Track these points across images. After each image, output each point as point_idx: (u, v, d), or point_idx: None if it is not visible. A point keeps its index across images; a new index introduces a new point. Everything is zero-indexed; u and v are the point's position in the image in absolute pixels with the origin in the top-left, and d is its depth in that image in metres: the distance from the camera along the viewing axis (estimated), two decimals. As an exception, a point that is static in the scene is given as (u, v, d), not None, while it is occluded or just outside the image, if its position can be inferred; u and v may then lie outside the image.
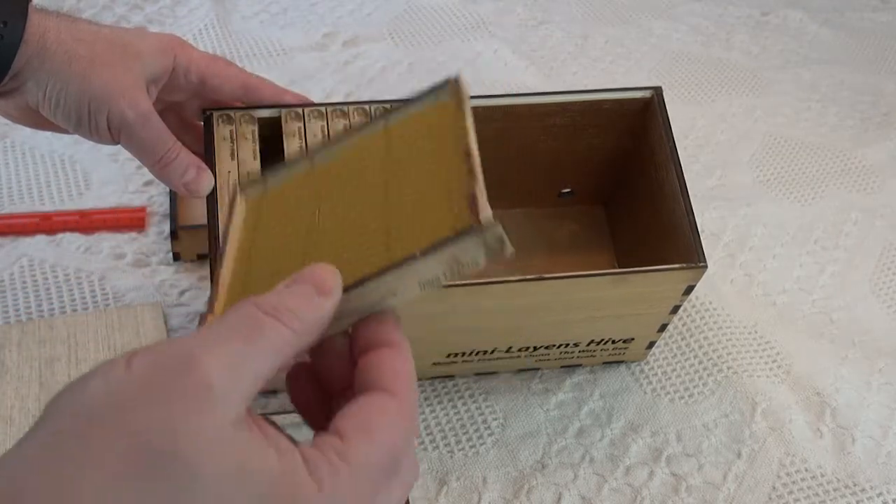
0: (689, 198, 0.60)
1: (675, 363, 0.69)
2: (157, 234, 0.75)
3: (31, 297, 0.69)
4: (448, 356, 0.63)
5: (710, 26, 1.07)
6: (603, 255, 0.73)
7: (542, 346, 0.64)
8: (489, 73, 0.96)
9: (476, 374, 0.67)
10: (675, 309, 0.62)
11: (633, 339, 0.65)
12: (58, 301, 0.69)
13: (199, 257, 0.72)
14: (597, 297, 0.59)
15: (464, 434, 0.63)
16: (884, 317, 0.75)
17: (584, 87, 0.73)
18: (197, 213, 0.72)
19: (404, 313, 0.34)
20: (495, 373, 0.67)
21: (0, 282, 0.70)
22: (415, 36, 1.01)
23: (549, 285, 0.57)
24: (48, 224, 0.74)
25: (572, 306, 0.59)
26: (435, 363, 0.64)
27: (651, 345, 0.66)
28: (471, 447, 0.63)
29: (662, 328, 0.64)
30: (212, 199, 0.57)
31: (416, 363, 0.34)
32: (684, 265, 0.58)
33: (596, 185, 0.72)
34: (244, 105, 0.60)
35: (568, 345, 0.64)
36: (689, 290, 0.60)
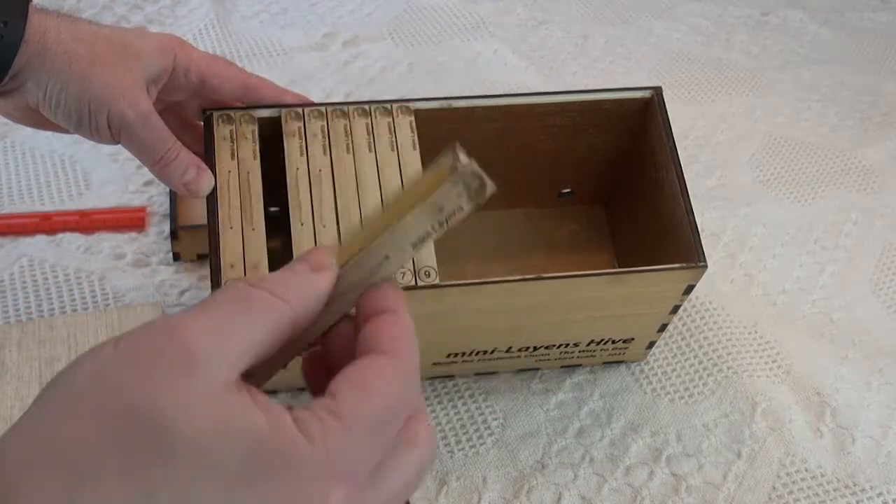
0: (689, 198, 0.60)
1: (675, 363, 0.69)
2: (157, 234, 0.75)
3: (31, 297, 0.69)
4: (448, 356, 0.63)
5: (710, 26, 1.07)
6: (603, 255, 0.73)
7: (542, 346, 0.64)
8: (489, 73, 0.96)
9: (476, 374, 0.67)
10: (675, 309, 0.62)
11: (633, 339, 0.65)
12: (58, 301, 0.69)
13: (199, 257, 0.72)
14: (596, 297, 0.59)
15: (464, 434, 0.63)
16: (884, 317, 0.75)
17: (584, 87, 0.73)
18: (197, 213, 0.72)
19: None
20: (495, 373, 0.67)
21: (0, 282, 0.70)
22: (415, 36, 1.01)
23: (548, 285, 0.57)
24: (48, 224, 0.74)
25: (572, 306, 0.59)
26: (435, 363, 0.64)
27: (651, 345, 0.66)
28: (471, 447, 0.63)
29: (662, 328, 0.64)
30: (212, 199, 0.57)
31: (416, 363, 0.33)
32: (684, 265, 0.58)
33: (596, 185, 0.72)
34: (244, 105, 0.60)
35: (568, 345, 0.64)
36: (689, 290, 0.60)
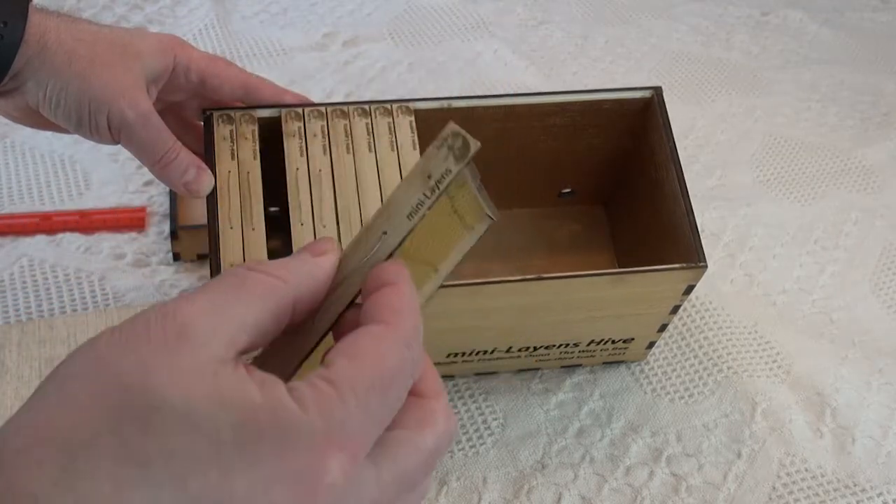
0: (689, 198, 0.60)
1: (675, 363, 0.69)
2: (157, 234, 0.75)
3: (31, 297, 0.69)
4: (448, 356, 0.63)
5: (710, 26, 1.07)
6: (603, 255, 0.73)
7: (542, 346, 0.64)
8: (489, 73, 0.96)
9: (476, 374, 0.67)
10: (675, 309, 0.62)
11: (633, 339, 0.65)
12: (58, 301, 0.69)
13: (199, 257, 0.72)
14: (597, 297, 0.59)
15: (464, 434, 0.63)
16: (884, 317, 0.75)
17: (584, 87, 0.73)
18: (197, 213, 0.72)
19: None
20: (495, 373, 0.67)
21: (0, 282, 0.70)
22: (415, 36, 1.01)
23: (549, 285, 0.57)
24: (48, 224, 0.74)
25: (572, 306, 0.59)
26: (435, 363, 0.63)
27: (651, 345, 0.66)
28: (471, 447, 0.63)
29: (662, 328, 0.64)
30: (212, 199, 0.57)
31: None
32: (684, 265, 0.58)
33: (596, 185, 0.72)
34: (244, 105, 0.60)
35: (568, 345, 0.64)
36: (689, 290, 0.60)
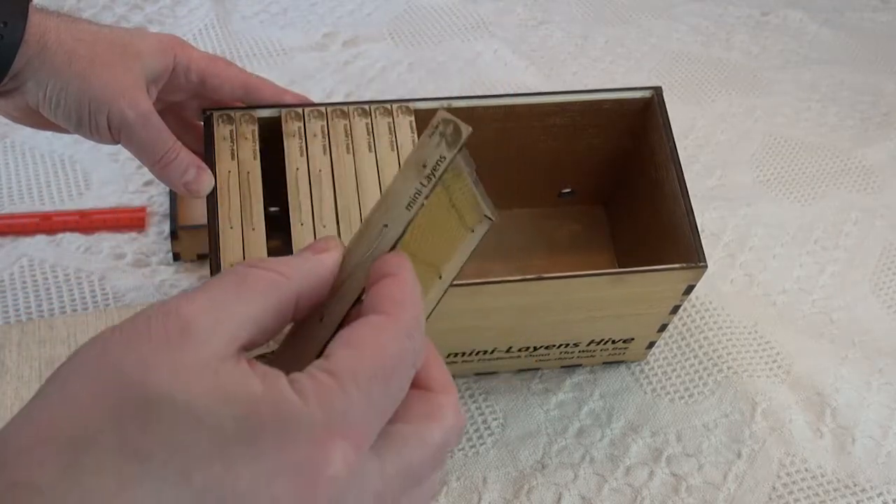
0: (689, 198, 0.60)
1: (675, 363, 0.69)
2: (157, 234, 0.75)
3: (31, 297, 0.69)
4: (448, 356, 0.63)
5: (710, 26, 1.07)
6: (603, 255, 0.73)
7: (542, 346, 0.64)
8: (489, 73, 0.96)
9: (476, 374, 0.67)
10: (675, 309, 0.62)
11: (633, 339, 0.65)
12: (58, 301, 0.69)
13: (199, 257, 0.72)
14: (597, 297, 0.59)
15: (464, 434, 0.63)
16: (884, 317, 0.75)
17: (584, 87, 0.73)
18: (197, 213, 0.72)
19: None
20: (495, 373, 0.67)
21: (0, 282, 0.70)
22: (415, 36, 1.01)
23: (549, 285, 0.57)
24: (48, 224, 0.74)
25: (572, 306, 0.59)
26: (435, 363, 0.64)
27: (651, 345, 0.66)
28: (471, 447, 0.62)
29: (662, 328, 0.64)
30: (212, 199, 0.57)
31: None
32: (684, 265, 0.58)
33: (596, 185, 0.72)
34: (244, 105, 0.60)
35: (568, 345, 0.64)
36: (689, 290, 0.60)
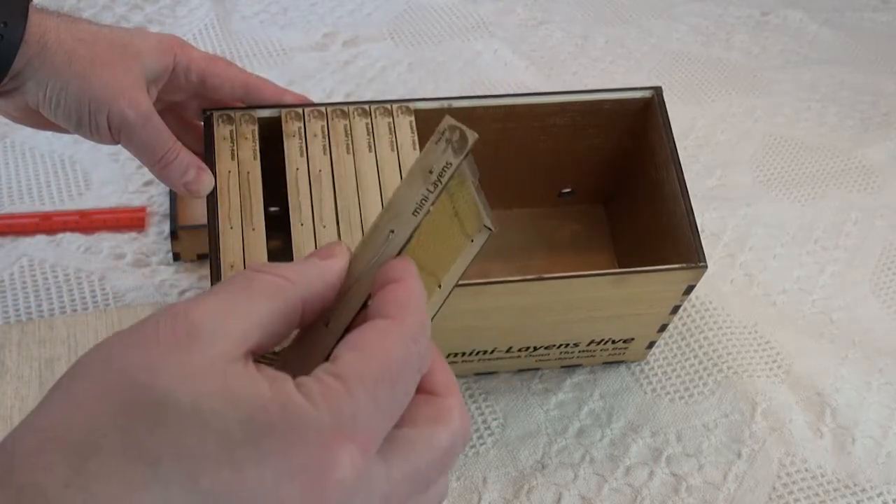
0: (689, 198, 0.60)
1: (675, 363, 0.69)
2: (157, 234, 0.75)
3: (31, 297, 0.69)
4: (448, 356, 0.63)
5: (710, 26, 1.07)
6: (603, 255, 0.73)
7: (542, 346, 0.64)
8: (489, 73, 0.96)
9: (476, 374, 0.67)
10: (675, 309, 0.62)
11: (633, 339, 0.65)
12: (58, 301, 0.69)
13: (199, 257, 0.72)
14: (597, 297, 0.59)
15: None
16: (884, 317, 0.75)
17: (584, 87, 0.73)
18: (197, 213, 0.72)
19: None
20: (495, 373, 0.67)
21: (0, 282, 0.70)
22: (415, 36, 1.01)
23: (549, 285, 0.57)
24: (48, 224, 0.74)
25: (572, 306, 0.59)
26: (435, 363, 0.64)
27: (651, 345, 0.66)
28: (471, 447, 0.62)
29: (662, 328, 0.64)
30: (212, 199, 0.57)
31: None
32: (684, 265, 0.58)
33: (596, 185, 0.72)
34: (244, 105, 0.60)
35: (568, 345, 0.64)
36: (689, 290, 0.60)
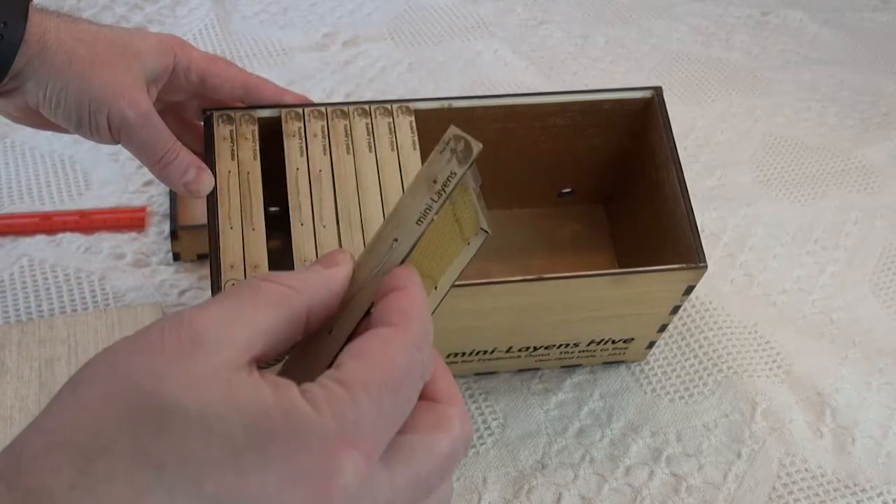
0: (689, 198, 0.60)
1: (675, 363, 0.69)
2: (157, 234, 0.75)
3: (31, 297, 0.69)
4: (448, 356, 0.63)
5: (710, 26, 1.07)
6: (603, 255, 0.73)
7: (542, 346, 0.64)
8: (489, 73, 0.96)
9: (476, 374, 0.67)
10: (675, 309, 0.62)
11: (633, 339, 0.65)
12: (58, 301, 0.69)
13: (199, 257, 0.72)
14: (597, 297, 0.59)
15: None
16: (884, 317, 0.75)
17: (584, 87, 0.73)
18: (197, 213, 0.72)
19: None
20: (495, 373, 0.67)
21: (0, 282, 0.70)
22: (415, 36, 1.01)
23: (549, 285, 0.57)
24: (48, 224, 0.74)
25: (572, 306, 0.59)
26: (435, 363, 0.64)
27: (651, 345, 0.66)
28: (471, 447, 0.62)
29: (662, 328, 0.64)
30: (212, 199, 0.57)
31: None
32: (684, 265, 0.58)
33: (596, 185, 0.72)
34: (244, 105, 0.60)
35: (568, 345, 0.64)
36: (689, 290, 0.60)
